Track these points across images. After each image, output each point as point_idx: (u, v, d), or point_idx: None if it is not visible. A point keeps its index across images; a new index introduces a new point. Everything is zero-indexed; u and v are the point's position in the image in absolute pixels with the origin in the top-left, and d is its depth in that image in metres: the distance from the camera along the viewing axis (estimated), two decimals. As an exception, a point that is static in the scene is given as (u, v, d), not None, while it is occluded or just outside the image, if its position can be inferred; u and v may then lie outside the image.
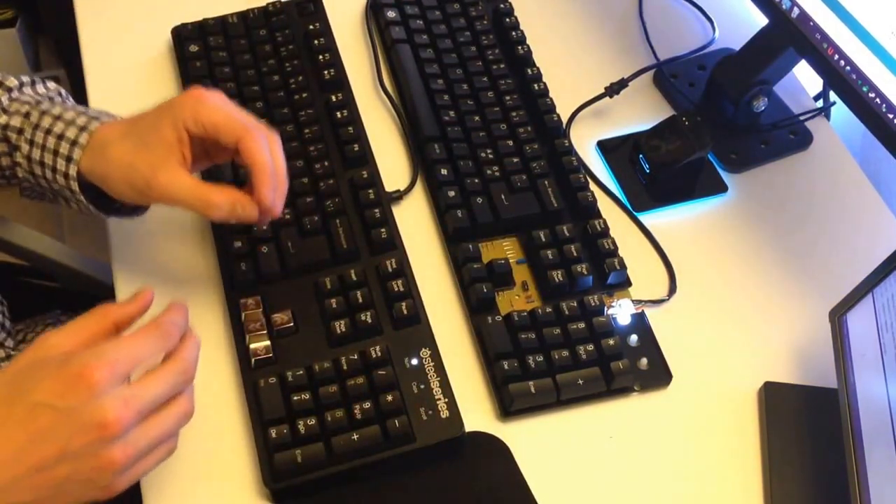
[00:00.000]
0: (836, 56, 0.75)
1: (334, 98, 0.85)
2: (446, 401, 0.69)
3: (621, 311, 0.76)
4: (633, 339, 0.75)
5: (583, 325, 0.74)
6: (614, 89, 0.90)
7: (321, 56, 0.88)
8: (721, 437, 0.73)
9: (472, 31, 0.91)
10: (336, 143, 0.83)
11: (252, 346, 0.71)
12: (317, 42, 0.89)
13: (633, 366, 0.74)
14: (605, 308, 0.76)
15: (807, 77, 0.96)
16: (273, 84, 0.85)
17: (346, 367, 0.69)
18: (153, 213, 0.78)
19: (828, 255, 0.84)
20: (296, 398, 0.68)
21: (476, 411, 0.72)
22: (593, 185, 0.86)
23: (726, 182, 0.87)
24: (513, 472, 0.69)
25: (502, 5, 0.95)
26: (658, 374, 0.75)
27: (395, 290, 0.73)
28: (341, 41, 0.91)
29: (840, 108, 0.91)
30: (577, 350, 0.72)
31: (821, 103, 0.95)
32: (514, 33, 0.92)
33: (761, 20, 0.87)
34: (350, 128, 0.83)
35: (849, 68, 0.74)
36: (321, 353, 0.71)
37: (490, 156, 0.83)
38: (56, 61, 1.74)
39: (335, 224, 0.77)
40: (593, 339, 0.73)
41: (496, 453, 0.70)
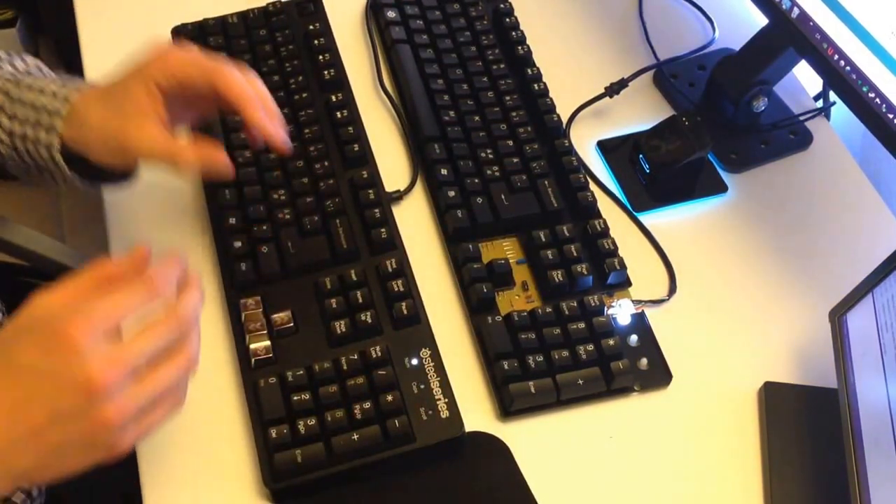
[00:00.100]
0: (836, 56, 0.75)
1: (334, 98, 0.85)
2: (446, 401, 0.69)
3: (621, 311, 0.76)
4: (633, 339, 0.75)
5: (583, 325, 0.74)
6: (614, 89, 0.90)
7: (321, 56, 0.88)
8: (721, 437, 0.73)
9: (472, 31, 0.91)
10: (336, 143, 0.83)
11: (252, 346, 0.71)
12: (317, 42, 0.89)
13: (633, 366, 0.74)
14: (605, 308, 0.76)
15: (807, 77, 0.96)
16: (273, 84, 0.85)
17: (346, 367, 0.69)
18: (153, 212, 0.79)
19: (828, 255, 0.84)
20: (296, 398, 0.68)
21: (476, 411, 0.72)
22: (593, 185, 0.86)
23: (726, 182, 0.87)
24: (513, 472, 0.69)
25: (502, 5, 0.95)
26: (658, 374, 0.75)
27: (395, 290, 0.73)
28: (341, 41, 0.91)
29: (840, 108, 0.91)
30: (577, 350, 0.72)
31: (821, 103, 0.95)
32: (514, 33, 0.92)
33: (761, 20, 0.87)
34: (350, 128, 0.83)
35: (849, 68, 0.74)
36: (321, 353, 0.71)
37: (490, 156, 0.83)
38: (56, 61, 1.74)
39: (335, 224, 0.77)
40: (593, 339, 0.73)
41: (496, 453, 0.70)
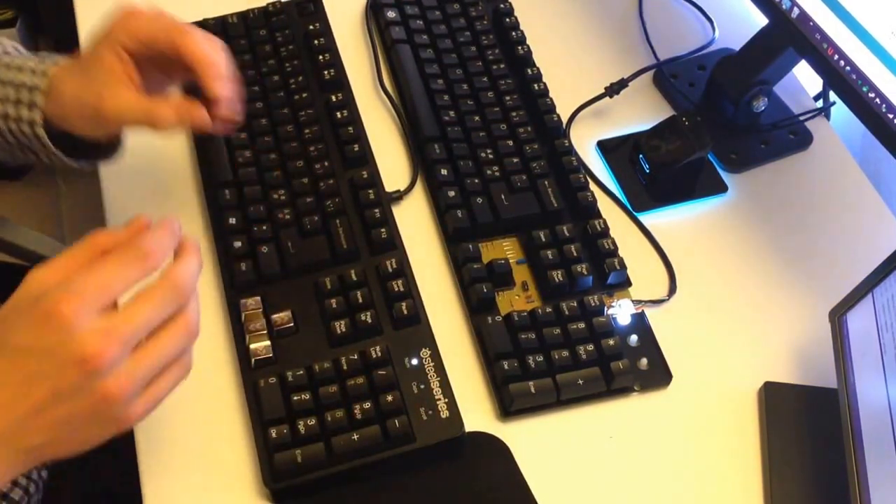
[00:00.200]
0: (836, 56, 0.75)
1: (334, 98, 0.85)
2: (446, 401, 0.69)
3: (621, 311, 0.76)
4: (633, 339, 0.75)
5: (583, 325, 0.74)
6: (614, 89, 0.90)
7: (321, 56, 0.88)
8: (721, 437, 0.73)
9: (472, 31, 0.91)
10: (336, 143, 0.83)
11: (252, 346, 0.71)
12: (317, 42, 0.89)
13: (633, 366, 0.74)
14: (605, 308, 0.76)
15: (807, 77, 0.96)
16: (273, 84, 0.85)
17: (346, 367, 0.69)
18: (153, 212, 0.78)
19: (828, 255, 0.84)
20: (296, 398, 0.68)
21: (476, 411, 0.72)
22: (593, 185, 0.86)
23: (726, 182, 0.87)
24: (513, 472, 0.69)
25: (502, 5, 0.95)
26: (658, 374, 0.75)
27: (395, 290, 0.73)
28: (341, 41, 0.91)
29: (840, 108, 0.91)
30: (577, 350, 0.72)
31: (821, 103, 0.95)
32: (514, 33, 0.92)
33: (761, 20, 0.87)
34: (350, 128, 0.83)
35: (849, 68, 0.74)
36: (321, 353, 0.71)
37: (490, 156, 0.83)
38: (56, 61, 1.74)
39: (335, 224, 0.77)
40: (593, 339, 0.73)
41: (496, 453, 0.70)
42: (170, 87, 0.72)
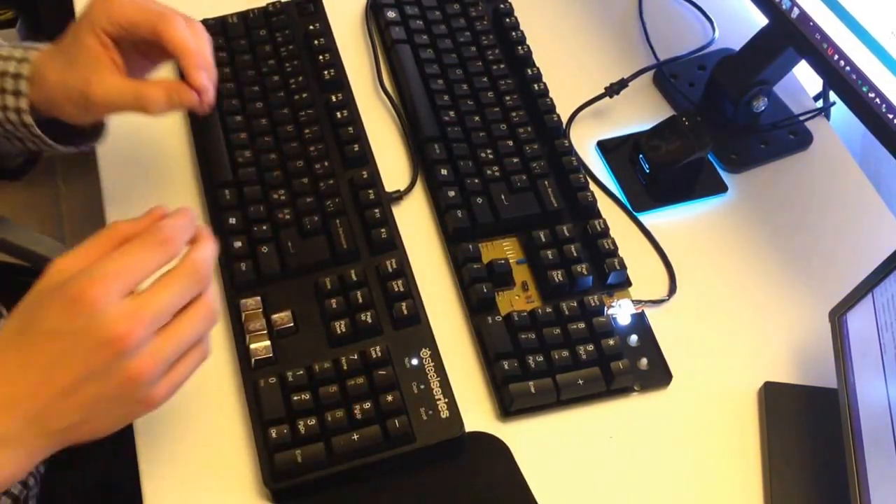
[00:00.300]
0: (836, 56, 0.75)
1: (334, 98, 0.85)
2: (446, 401, 0.69)
3: (621, 311, 0.76)
4: (633, 339, 0.75)
5: (583, 325, 0.74)
6: (614, 89, 0.90)
7: (321, 56, 0.88)
8: (721, 437, 0.73)
9: (472, 31, 0.91)
10: (336, 143, 0.83)
11: (252, 346, 0.71)
12: (317, 42, 0.89)
13: (633, 366, 0.74)
14: (605, 308, 0.76)
15: (807, 77, 0.96)
16: (273, 84, 0.85)
17: (346, 368, 0.69)
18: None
19: (828, 255, 0.84)
20: (296, 398, 0.68)
21: (476, 411, 0.72)
22: (593, 185, 0.86)
23: (726, 182, 0.87)
24: (513, 472, 0.69)
25: (502, 5, 0.95)
26: (658, 374, 0.75)
27: (395, 290, 0.73)
28: (341, 41, 0.91)
29: (840, 108, 0.91)
30: (577, 350, 0.72)
31: (821, 103, 0.95)
32: (514, 33, 0.92)
33: (761, 20, 0.87)
34: (350, 128, 0.83)
35: (849, 68, 0.74)
36: (321, 353, 0.71)
37: (490, 156, 0.83)
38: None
39: (335, 224, 0.77)
40: (593, 339, 0.73)
41: (496, 453, 0.70)
42: (151, 71, 0.72)
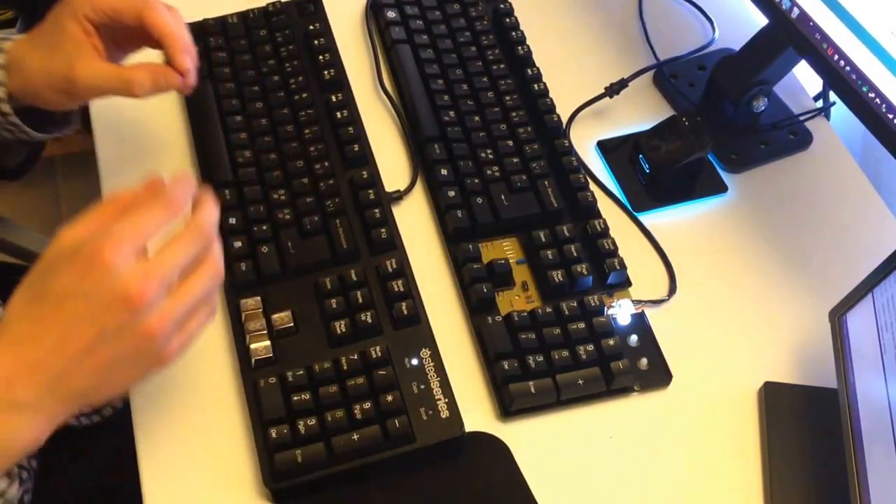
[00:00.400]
0: (836, 56, 0.75)
1: (334, 98, 0.85)
2: (446, 401, 0.69)
3: (621, 311, 0.76)
4: (633, 339, 0.75)
5: (583, 325, 0.74)
6: (614, 89, 0.90)
7: (321, 56, 0.88)
8: (721, 437, 0.73)
9: (472, 31, 0.91)
10: (336, 143, 0.83)
11: (252, 346, 0.71)
12: (317, 42, 0.89)
13: (633, 366, 0.74)
14: (605, 308, 0.76)
15: (807, 77, 0.96)
16: (273, 84, 0.85)
17: (346, 368, 0.69)
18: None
19: (828, 255, 0.84)
20: (296, 398, 0.68)
21: (476, 411, 0.72)
22: (593, 185, 0.86)
23: (726, 182, 0.87)
24: (513, 472, 0.69)
25: (502, 5, 0.95)
26: (658, 374, 0.75)
27: (395, 290, 0.73)
28: (341, 41, 0.91)
29: (840, 108, 0.91)
30: (577, 350, 0.72)
31: (821, 103, 0.95)
32: (514, 33, 0.92)
33: (761, 20, 0.87)
34: (350, 128, 0.83)
35: (849, 68, 0.74)
36: (321, 353, 0.71)
37: (490, 156, 0.83)
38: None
39: (335, 224, 0.77)
40: (593, 339, 0.73)
41: (496, 453, 0.70)
42: (122, 60, 0.73)
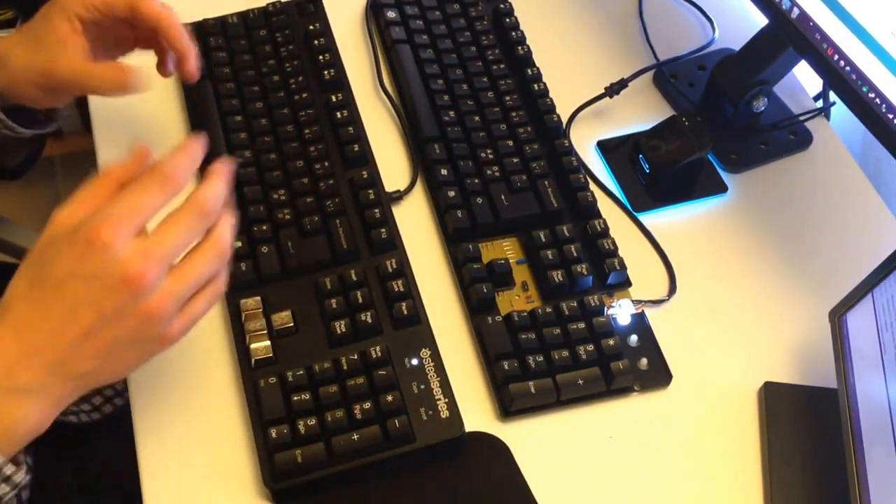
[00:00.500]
0: (836, 56, 0.75)
1: (334, 98, 0.85)
2: (446, 401, 0.69)
3: (621, 311, 0.76)
4: (633, 339, 0.75)
5: (583, 325, 0.74)
6: (614, 89, 0.90)
7: (321, 56, 0.88)
8: (721, 437, 0.73)
9: (472, 31, 0.91)
10: (336, 144, 0.83)
11: (252, 346, 0.71)
12: (317, 42, 0.89)
13: (633, 366, 0.74)
14: (605, 308, 0.76)
15: (807, 77, 0.96)
16: (273, 84, 0.85)
17: (346, 368, 0.69)
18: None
19: (828, 255, 0.84)
20: (296, 398, 0.67)
21: (476, 411, 0.72)
22: (593, 185, 0.86)
23: (726, 182, 0.87)
24: (513, 472, 0.69)
25: (502, 5, 0.95)
26: (658, 374, 0.75)
27: (395, 290, 0.73)
28: (341, 41, 0.91)
29: (840, 108, 0.91)
30: (577, 350, 0.72)
31: (821, 103, 0.95)
32: (514, 33, 0.92)
33: (761, 20, 0.87)
34: (350, 128, 0.83)
35: (849, 68, 0.74)
36: (321, 354, 0.71)
37: (490, 156, 0.83)
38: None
39: (335, 224, 0.77)
40: (593, 339, 0.73)
41: (496, 453, 0.70)
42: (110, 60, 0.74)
